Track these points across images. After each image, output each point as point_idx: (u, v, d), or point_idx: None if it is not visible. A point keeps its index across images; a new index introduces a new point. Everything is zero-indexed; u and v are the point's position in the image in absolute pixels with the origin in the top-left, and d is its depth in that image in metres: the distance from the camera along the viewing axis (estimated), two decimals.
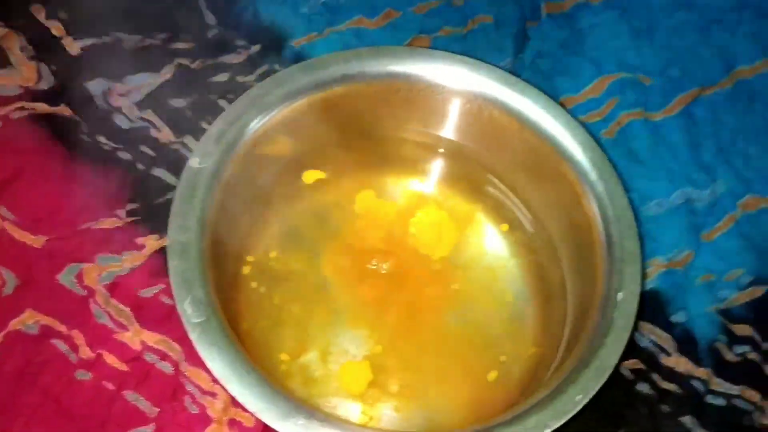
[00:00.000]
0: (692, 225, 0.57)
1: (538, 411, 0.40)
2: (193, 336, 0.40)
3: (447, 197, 0.55)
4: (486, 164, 0.54)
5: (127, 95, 0.57)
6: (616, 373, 0.42)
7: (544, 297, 0.51)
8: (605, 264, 0.45)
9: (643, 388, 0.51)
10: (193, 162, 0.45)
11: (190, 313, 0.40)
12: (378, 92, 0.51)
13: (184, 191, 0.44)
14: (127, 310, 0.49)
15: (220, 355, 0.39)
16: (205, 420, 0.47)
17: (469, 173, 0.55)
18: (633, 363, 0.51)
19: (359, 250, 0.52)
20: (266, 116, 0.48)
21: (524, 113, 0.50)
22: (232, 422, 0.47)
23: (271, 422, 0.39)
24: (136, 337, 0.49)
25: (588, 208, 0.47)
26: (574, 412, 0.40)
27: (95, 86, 0.57)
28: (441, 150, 0.55)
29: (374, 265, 0.51)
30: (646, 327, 0.53)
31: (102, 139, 0.55)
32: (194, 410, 0.47)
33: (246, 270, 0.50)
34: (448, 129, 0.54)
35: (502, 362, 0.49)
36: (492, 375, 0.48)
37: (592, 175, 0.48)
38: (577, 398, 0.40)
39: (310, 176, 0.53)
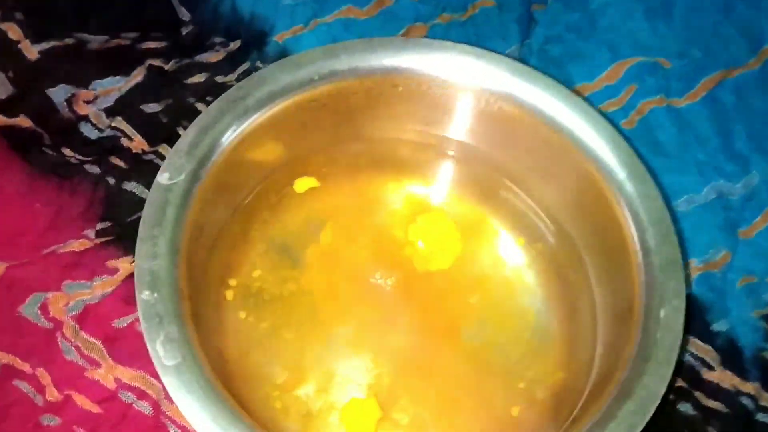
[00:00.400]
0: (727, 222, 0.54)
1: None
2: (167, 381, 0.36)
3: (454, 204, 0.52)
4: (497, 165, 0.51)
5: (94, 102, 0.54)
6: None
7: (569, 313, 0.48)
8: (642, 276, 0.41)
9: (685, 408, 0.48)
10: (162, 178, 0.41)
11: (162, 354, 0.37)
12: (372, 89, 0.47)
13: (152, 212, 0.40)
14: (99, 343, 0.47)
15: (198, 403, 0.36)
16: None
17: (479, 176, 0.52)
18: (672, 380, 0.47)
19: (357, 265, 0.49)
20: (245, 121, 0.44)
21: (539, 107, 0.46)
22: None
23: None
24: (109, 373, 0.46)
25: (617, 212, 0.43)
26: None
27: (57, 93, 0.54)
28: (446, 151, 0.52)
29: (377, 280, 0.48)
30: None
31: (67, 151, 0.53)
32: None
33: (229, 295, 0.47)
34: (453, 128, 0.50)
35: (524, 390, 0.46)
36: (515, 410, 0.45)
37: (620, 173, 0.44)
38: None
39: (303, 184, 0.51)
